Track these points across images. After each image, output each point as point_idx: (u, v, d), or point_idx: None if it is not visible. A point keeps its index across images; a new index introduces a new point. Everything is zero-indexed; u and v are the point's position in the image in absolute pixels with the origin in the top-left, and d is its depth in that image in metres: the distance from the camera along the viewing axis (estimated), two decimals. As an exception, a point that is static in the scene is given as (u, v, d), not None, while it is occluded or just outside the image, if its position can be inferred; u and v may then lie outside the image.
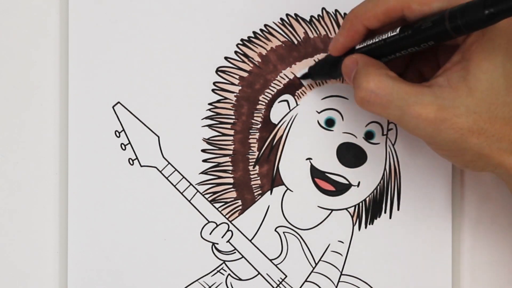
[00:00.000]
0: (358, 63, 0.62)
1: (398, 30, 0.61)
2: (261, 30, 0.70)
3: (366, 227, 0.71)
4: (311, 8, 0.71)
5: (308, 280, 0.71)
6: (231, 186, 0.70)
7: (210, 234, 0.70)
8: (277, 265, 0.70)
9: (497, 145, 0.59)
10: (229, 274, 0.70)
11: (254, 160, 0.70)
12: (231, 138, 0.70)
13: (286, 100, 0.70)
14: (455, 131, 0.58)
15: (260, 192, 0.70)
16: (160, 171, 0.70)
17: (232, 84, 0.70)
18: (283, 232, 0.71)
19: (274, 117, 0.70)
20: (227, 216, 0.70)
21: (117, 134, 0.70)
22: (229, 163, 0.70)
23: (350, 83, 0.63)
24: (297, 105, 0.71)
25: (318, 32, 0.71)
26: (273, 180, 0.70)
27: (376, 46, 0.62)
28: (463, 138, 0.59)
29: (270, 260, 0.70)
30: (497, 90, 0.58)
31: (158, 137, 0.70)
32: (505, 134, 0.58)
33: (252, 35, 0.70)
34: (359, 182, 0.71)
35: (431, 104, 0.58)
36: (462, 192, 0.72)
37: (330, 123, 0.71)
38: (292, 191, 0.71)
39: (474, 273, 0.72)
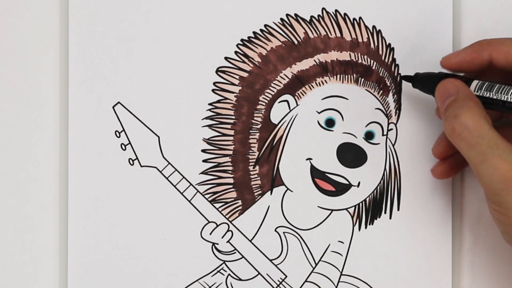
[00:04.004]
0: (459, 91, 0.63)
1: None
2: (261, 30, 0.70)
3: (366, 227, 0.71)
4: (311, 8, 0.71)
5: (308, 280, 0.71)
6: (231, 186, 0.70)
7: (210, 234, 0.70)
8: (277, 265, 0.70)
9: None
10: (229, 274, 0.70)
11: (254, 160, 0.70)
12: (231, 138, 0.70)
13: (286, 100, 0.70)
14: None
15: (260, 192, 0.70)
16: (160, 171, 0.70)
17: (232, 84, 0.70)
18: (283, 232, 0.71)
19: (274, 117, 0.70)
20: (227, 216, 0.70)
21: (117, 134, 0.70)
22: (229, 163, 0.70)
23: (441, 106, 0.64)
24: (297, 105, 0.71)
25: (318, 32, 0.71)
26: (273, 180, 0.70)
27: (493, 103, 0.63)
28: None
29: (270, 260, 0.70)
30: None
31: (158, 137, 0.70)
32: None
33: (252, 35, 0.70)
34: (359, 182, 0.71)
35: None
36: (462, 192, 0.72)
37: (330, 123, 0.71)
38: (292, 191, 0.71)
39: (474, 273, 0.72)
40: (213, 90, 0.70)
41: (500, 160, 0.59)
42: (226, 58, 0.70)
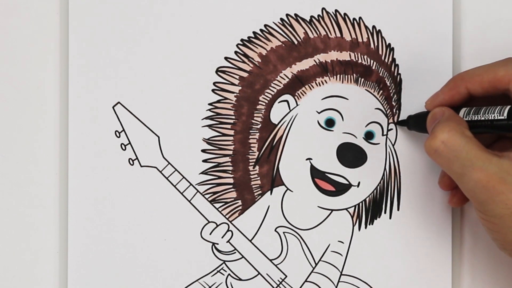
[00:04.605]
0: (444, 114, 0.64)
1: (506, 114, 0.62)
2: (261, 30, 0.70)
3: (366, 227, 0.71)
4: (311, 8, 0.71)
5: (308, 280, 0.71)
6: (231, 186, 0.70)
7: (210, 234, 0.70)
8: (277, 265, 0.70)
9: None
10: (229, 274, 0.70)
11: (254, 160, 0.70)
12: (231, 138, 0.70)
13: (286, 100, 0.70)
14: (506, 207, 0.59)
15: (260, 192, 0.70)
16: (160, 171, 0.70)
17: (232, 84, 0.70)
18: (283, 232, 0.71)
19: (274, 117, 0.70)
20: (227, 216, 0.70)
21: (117, 134, 0.70)
22: (229, 163, 0.70)
23: (429, 132, 0.64)
24: (297, 105, 0.71)
25: (318, 32, 0.71)
26: (273, 180, 0.70)
27: (482, 125, 0.63)
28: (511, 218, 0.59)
29: (270, 260, 0.70)
30: None
31: (158, 137, 0.70)
32: None
33: (252, 35, 0.70)
34: (359, 182, 0.71)
35: (494, 174, 0.59)
36: (462, 192, 0.72)
37: (330, 123, 0.71)
38: (292, 191, 0.71)
39: (474, 273, 0.72)
40: (213, 90, 0.70)
41: (481, 172, 0.59)
42: (226, 58, 0.70)
